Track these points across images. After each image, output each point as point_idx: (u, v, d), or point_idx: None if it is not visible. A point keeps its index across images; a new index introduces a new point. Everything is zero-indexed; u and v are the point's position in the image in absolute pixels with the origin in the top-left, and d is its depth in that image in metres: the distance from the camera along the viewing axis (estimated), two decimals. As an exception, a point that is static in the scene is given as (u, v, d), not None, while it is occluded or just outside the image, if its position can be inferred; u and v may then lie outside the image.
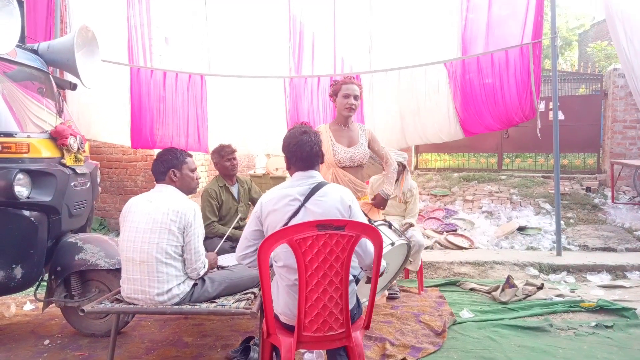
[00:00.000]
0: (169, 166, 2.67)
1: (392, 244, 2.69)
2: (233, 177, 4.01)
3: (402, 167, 4.17)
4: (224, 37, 5.41)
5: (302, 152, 2.22)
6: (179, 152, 2.75)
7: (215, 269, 2.95)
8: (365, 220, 2.27)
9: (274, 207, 2.16)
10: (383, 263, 2.30)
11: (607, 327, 3.40)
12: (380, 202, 3.39)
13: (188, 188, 2.76)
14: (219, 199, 3.85)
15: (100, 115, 5.28)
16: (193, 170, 2.78)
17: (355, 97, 3.28)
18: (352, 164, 3.30)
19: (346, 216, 2.15)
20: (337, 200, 2.15)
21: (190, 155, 2.82)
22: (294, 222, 2.09)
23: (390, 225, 2.97)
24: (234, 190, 3.99)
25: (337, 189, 2.21)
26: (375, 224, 2.82)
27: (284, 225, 2.09)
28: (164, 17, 5.40)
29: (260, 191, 4.13)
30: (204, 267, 2.64)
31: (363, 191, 3.40)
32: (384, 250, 2.54)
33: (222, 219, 3.90)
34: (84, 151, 3.49)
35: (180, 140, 5.37)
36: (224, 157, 3.93)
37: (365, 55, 5.33)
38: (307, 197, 2.14)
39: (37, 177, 2.96)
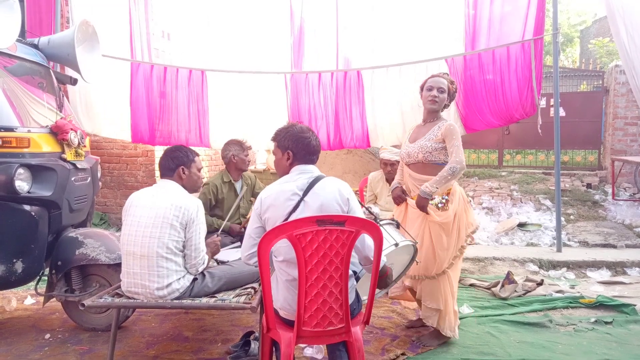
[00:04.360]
0: (179, 163, 2.68)
1: (396, 244, 2.65)
2: (241, 172, 3.99)
3: (398, 165, 4.17)
4: (225, 33, 5.39)
5: (311, 147, 2.27)
6: (189, 150, 2.76)
7: (215, 263, 2.96)
8: (363, 215, 2.27)
9: (274, 202, 2.16)
10: (383, 259, 2.30)
11: (606, 323, 3.41)
12: (419, 202, 2.95)
13: (193, 187, 2.77)
14: (217, 195, 3.84)
15: (102, 110, 5.27)
16: (200, 170, 2.81)
17: (440, 90, 3.03)
18: (410, 160, 3.08)
19: (345, 208, 2.16)
20: (335, 193, 2.16)
21: (198, 155, 2.84)
22: (293, 216, 2.10)
23: (398, 225, 2.90)
24: (238, 186, 3.98)
25: (335, 182, 2.23)
26: (382, 222, 2.79)
27: (284, 221, 2.10)
28: (164, 12, 5.39)
29: (263, 187, 4.12)
30: (203, 263, 2.64)
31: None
32: (388, 251, 2.54)
33: (225, 215, 3.89)
34: (85, 146, 3.48)
35: (180, 135, 5.36)
36: (245, 150, 3.92)
37: (367, 51, 5.31)
38: (306, 191, 2.15)
39: (37, 171, 2.95)
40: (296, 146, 2.26)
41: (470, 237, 3.07)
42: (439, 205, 2.99)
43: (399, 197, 3.16)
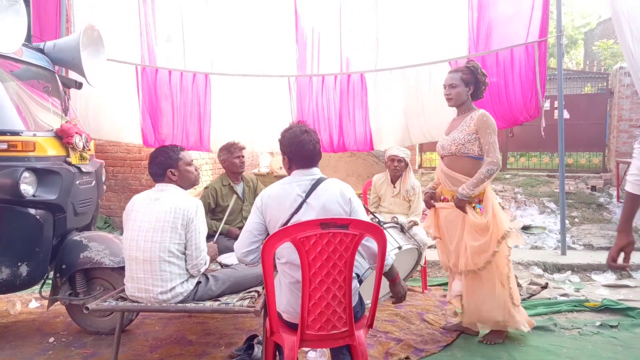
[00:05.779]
0: (165, 167, 2.63)
1: (400, 247, 2.65)
2: (239, 175, 3.99)
3: (404, 164, 4.17)
4: (228, 36, 5.41)
5: (305, 151, 2.22)
6: (170, 149, 2.69)
7: (219, 267, 2.96)
8: (365, 216, 2.27)
9: (276, 203, 2.17)
10: (393, 257, 2.30)
11: (612, 326, 3.39)
12: (457, 203, 2.98)
13: (189, 182, 2.73)
14: (218, 197, 3.85)
15: (109, 114, 5.29)
16: (190, 164, 2.73)
17: (451, 86, 3.05)
18: (444, 152, 3.11)
19: (347, 209, 2.16)
20: (336, 194, 2.16)
21: (183, 149, 2.76)
22: (296, 218, 2.10)
23: (402, 229, 2.89)
24: (239, 189, 3.98)
25: (337, 183, 2.23)
26: (386, 226, 2.79)
27: (285, 222, 2.10)
28: (168, 15, 5.41)
29: None
30: (205, 263, 2.63)
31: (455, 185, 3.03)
32: (391, 254, 2.54)
33: (227, 219, 3.90)
34: (89, 150, 3.50)
35: (183, 139, 5.38)
36: (232, 153, 3.91)
37: (371, 53, 5.31)
38: (309, 193, 2.15)
39: (42, 175, 2.97)
40: (290, 151, 2.24)
41: (502, 244, 2.95)
42: (476, 208, 3.02)
43: (428, 203, 3.20)
